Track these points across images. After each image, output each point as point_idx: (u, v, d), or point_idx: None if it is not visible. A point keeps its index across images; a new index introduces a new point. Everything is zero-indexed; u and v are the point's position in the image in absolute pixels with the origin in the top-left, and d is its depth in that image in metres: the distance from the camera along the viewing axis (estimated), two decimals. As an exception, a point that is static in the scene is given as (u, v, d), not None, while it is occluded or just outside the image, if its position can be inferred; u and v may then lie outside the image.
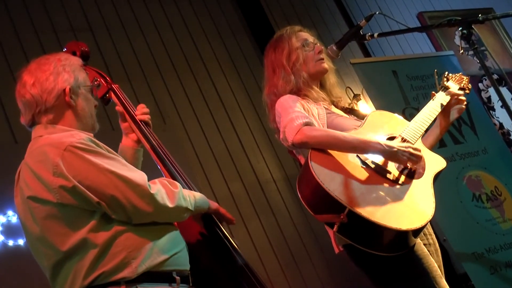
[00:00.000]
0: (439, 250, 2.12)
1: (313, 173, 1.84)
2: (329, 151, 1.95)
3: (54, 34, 3.65)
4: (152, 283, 1.64)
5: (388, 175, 1.94)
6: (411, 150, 1.94)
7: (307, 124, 1.98)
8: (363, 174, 1.91)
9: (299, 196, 1.91)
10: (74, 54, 2.07)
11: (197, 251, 1.84)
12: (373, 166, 1.94)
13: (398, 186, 1.92)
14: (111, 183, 1.62)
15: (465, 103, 2.23)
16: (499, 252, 3.38)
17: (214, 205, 1.93)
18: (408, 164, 1.96)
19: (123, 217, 1.64)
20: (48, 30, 3.65)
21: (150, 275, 1.64)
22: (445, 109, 2.21)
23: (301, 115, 2.01)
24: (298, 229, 3.98)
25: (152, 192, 1.66)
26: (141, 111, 2.07)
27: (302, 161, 2.17)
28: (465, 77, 2.35)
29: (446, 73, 2.35)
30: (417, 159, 1.95)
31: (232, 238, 1.93)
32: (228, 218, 1.97)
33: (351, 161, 1.94)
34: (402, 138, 2.05)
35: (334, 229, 1.78)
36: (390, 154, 1.93)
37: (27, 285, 2.85)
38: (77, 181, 1.61)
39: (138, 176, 1.68)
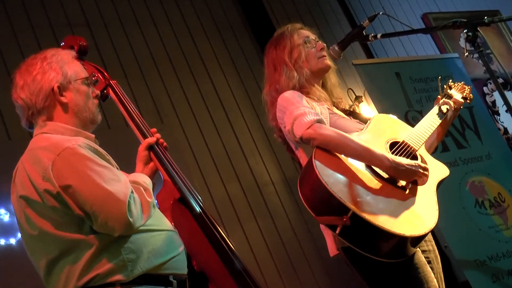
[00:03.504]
0: (439, 257, 2.10)
1: (317, 173, 1.81)
2: (334, 152, 1.93)
3: (51, 29, 3.63)
4: (148, 286, 1.63)
5: (391, 180, 1.91)
6: (420, 170, 1.92)
7: (319, 121, 1.96)
8: (366, 177, 1.89)
9: (300, 196, 1.88)
10: (72, 48, 2.04)
11: (194, 253, 1.82)
12: (377, 169, 1.92)
13: (401, 192, 1.90)
14: (92, 196, 1.60)
15: (461, 107, 2.27)
16: (501, 260, 3.37)
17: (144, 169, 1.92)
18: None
19: (102, 230, 1.62)
20: (45, 25, 3.62)
21: (146, 278, 1.63)
22: (445, 117, 2.23)
23: (313, 112, 2.00)
24: (296, 233, 3.96)
25: (129, 208, 1.61)
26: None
27: (301, 158, 2.15)
28: (467, 87, 2.38)
29: (450, 81, 2.38)
30: (425, 177, 1.94)
31: (229, 240, 1.91)
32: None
33: (355, 163, 1.93)
34: (406, 144, 2.03)
35: (336, 231, 1.75)
36: (397, 171, 1.90)
37: (20, 285, 2.83)
38: (62, 188, 1.60)
39: (122, 190, 1.63)
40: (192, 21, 4.30)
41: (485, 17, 2.06)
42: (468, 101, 2.34)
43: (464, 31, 2.09)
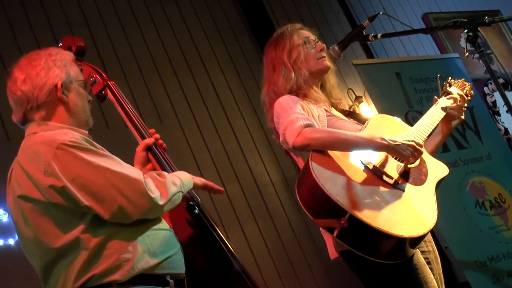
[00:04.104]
0: (438, 257, 2.10)
1: (314, 175, 1.80)
2: (331, 154, 1.91)
3: (50, 29, 3.62)
4: (145, 286, 1.62)
5: (390, 181, 1.90)
6: (414, 145, 1.93)
7: (308, 125, 1.95)
8: (365, 179, 1.88)
9: (298, 199, 1.87)
10: (69, 49, 2.04)
11: (192, 254, 1.82)
12: (375, 171, 1.92)
13: (400, 192, 1.89)
14: (106, 180, 1.60)
15: (463, 117, 2.23)
16: (502, 260, 3.36)
17: (199, 181, 1.91)
18: (410, 159, 1.95)
19: (119, 216, 1.61)
20: (44, 25, 3.61)
21: (143, 278, 1.62)
22: (447, 116, 2.20)
23: (301, 117, 1.98)
24: (296, 233, 3.94)
25: (147, 187, 1.63)
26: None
27: (300, 163, 2.14)
28: (467, 84, 2.35)
29: (449, 78, 2.35)
30: (419, 154, 1.95)
31: (228, 241, 1.90)
32: (216, 189, 1.96)
33: (353, 164, 1.91)
34: None
35: (334, 234, 1.75)
36: (394, 148, 1.92)
37: (18, 285, 2.82)
38: (70, 180, 1.58)
39: (134, 172, 1.66)
40: (192, 21, 4.28)
41: (486, 17, 2.05)
42: (469, 98, 2.31)
43: (465, 31, 2.07)
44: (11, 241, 2.98)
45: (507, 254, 3.38)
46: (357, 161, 1.93)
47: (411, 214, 1.85)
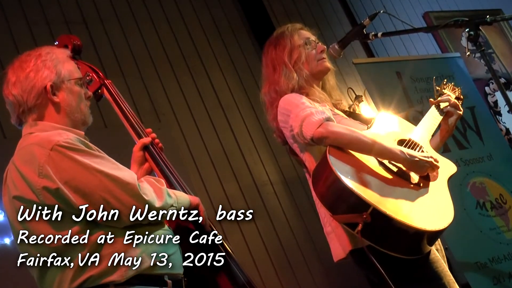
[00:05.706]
0: (445, 256, 2.11)
1: (333, 169, 1.79)
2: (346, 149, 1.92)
3: (47, 26, 3.61)
4: (143, 287, 1.61)
5: (405, 176, 1.92)
6: (432, 161, 1.94)
7: (328, 119, 1.95)
8: (381, 173, 1.89)
9: (315, 195, 1.87)
10: (65, 47, 2.02)
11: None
12: (390, 166, 1.93)
13: (417, 188, 1.91)
14: (100, 183, 1.60)
15: (461, 112, 2.25)
16: (503, 262, 3.35)
17: (194, 201, 1.88)
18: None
19: (112, 219, 1.60)
20: (41, 22, 3.60)
21: (141, 278, 1.62)
22: (445, 116, 2.23)
23: (319, 111, 1.99)
24: (295, 234, 3.94)
25: (141, 191, 1.63)
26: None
27: (307, 161, 2.12)
28: (457, 88, 2.41)
29: (445, 81, 2.40)
30: (436, 169, 1.97)
31: (227, 243, 1.90)
32: (203, 219, 1.90)
33: (369, 159, 1.92)
34: (413, 142, 2.04)
35: (359, 228, 1.72)
36: (412, 163, 1.92)
37: (14, 285, 2.79)
38: (64, 182, 1.58)
39: (128, 175, 1.65)
40: (191, 19, 4.28)
41: (487, 16, 2.05)
42: (459, 101, 2.34)
43: (466, 30, 2.07)
44: (7, 241, 2.97)
45: (507, 256, 3.37)
46: (372, 157, 1.94)
47: (431, 208, 1.86)
